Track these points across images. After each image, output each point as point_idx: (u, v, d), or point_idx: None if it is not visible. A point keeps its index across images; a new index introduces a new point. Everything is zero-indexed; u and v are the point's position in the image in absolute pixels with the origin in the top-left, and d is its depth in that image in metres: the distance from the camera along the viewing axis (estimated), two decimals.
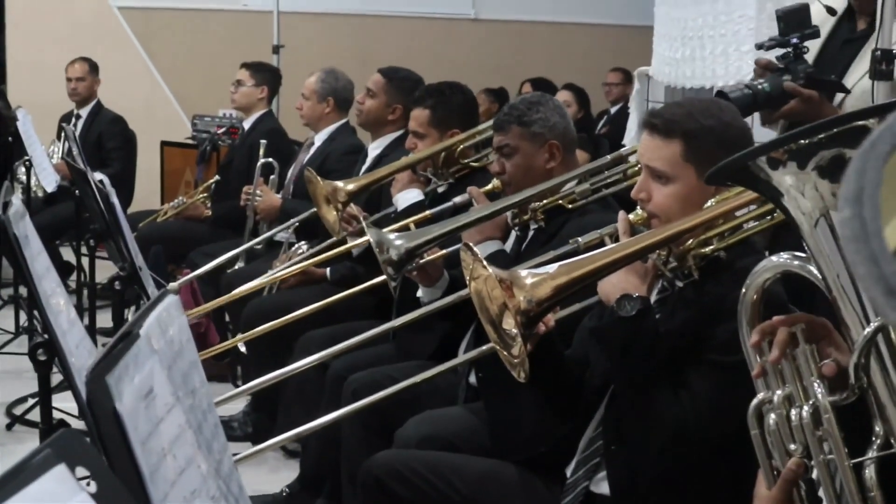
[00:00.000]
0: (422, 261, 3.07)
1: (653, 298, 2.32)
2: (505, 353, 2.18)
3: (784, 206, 1.42)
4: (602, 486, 2.40)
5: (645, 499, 2.31)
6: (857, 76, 2.92)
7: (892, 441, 1.44)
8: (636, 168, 3.09)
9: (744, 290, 1.71)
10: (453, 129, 3.84)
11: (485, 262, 2.13)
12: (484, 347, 2.61)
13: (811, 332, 1.60)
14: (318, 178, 3.78)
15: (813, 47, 2.97)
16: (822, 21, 3.03)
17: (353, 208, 3.86)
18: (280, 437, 2.90)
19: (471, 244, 2.23)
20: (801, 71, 2.85)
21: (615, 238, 2.37)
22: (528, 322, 2.10)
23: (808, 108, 2.85)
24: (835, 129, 1.34)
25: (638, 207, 2.38)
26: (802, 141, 1.36)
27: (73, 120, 6.85)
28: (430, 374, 2.85)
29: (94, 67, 6.94)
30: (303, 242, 4.48)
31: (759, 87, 2.85)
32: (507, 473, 2.64)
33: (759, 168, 1.42)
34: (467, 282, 2.23)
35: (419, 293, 3.27)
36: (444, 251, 3.16)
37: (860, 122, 1.34)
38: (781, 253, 1.67)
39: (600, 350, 2.36)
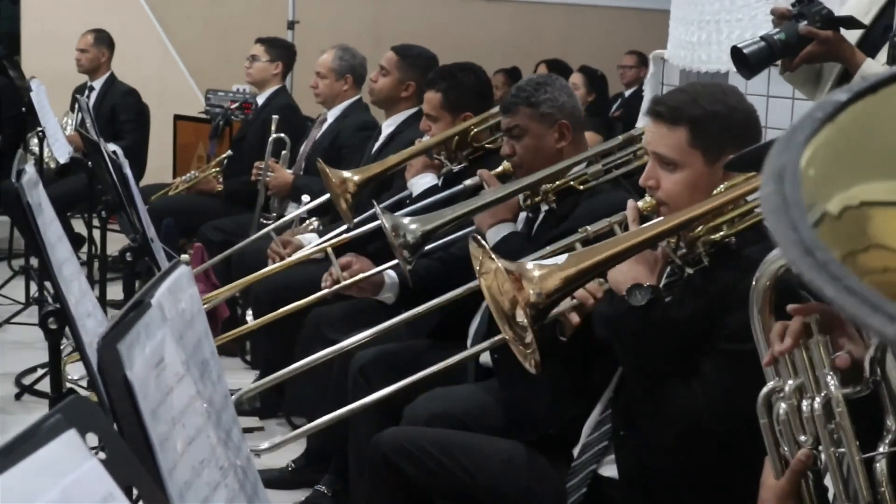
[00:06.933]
0: (351, 280, 3.37)
1: (661, 283, 2.31)
2: (519, 346, 2.17)
3: None
4: (610, 470, 2.39)
5: (654, 485, 2.30)
6: (883, 59, 2.90)
7: None
8: None
9: (756, 275, 1.69)
10: (466, 111, 3.80)
11: (493, 255, 2.12)
12: (496, 339, 2.61)
13: (825, 322, 1.58)
14: (328, 168, 3.75)
15: (857, 33, 2.94)
16: (871, 3, 3.01)
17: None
18: (301, 429, 2.93)
19: (479, 237, 2.22)
20: (815, 14, 2.83)
21: (624, 226, 2.36)
22: (538, 315, 2.09)
23: (827, 49, 2.82)
24: None
25: (647, 195, 2.37)
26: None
27: (87, 92, 6.83)
28: (444, 365, 2.83)
29: (101, 39, 6.87)
30: (314, 218, 4.47)
31: (775, 37, 2.83)
32: (516, 454, 2.64)
33: None
34: (477, 276, 2.22)
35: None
36: (374, 270, 3.40)
37: None
38: None
39: (611, 339, 2.35)
